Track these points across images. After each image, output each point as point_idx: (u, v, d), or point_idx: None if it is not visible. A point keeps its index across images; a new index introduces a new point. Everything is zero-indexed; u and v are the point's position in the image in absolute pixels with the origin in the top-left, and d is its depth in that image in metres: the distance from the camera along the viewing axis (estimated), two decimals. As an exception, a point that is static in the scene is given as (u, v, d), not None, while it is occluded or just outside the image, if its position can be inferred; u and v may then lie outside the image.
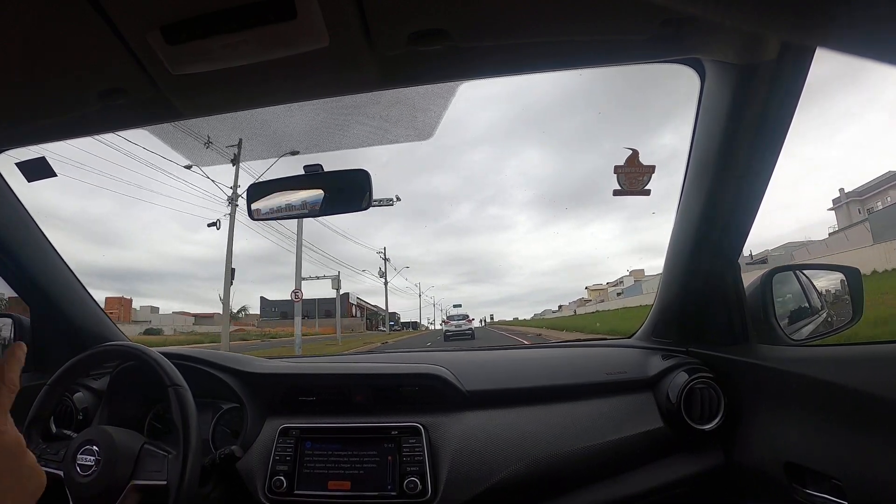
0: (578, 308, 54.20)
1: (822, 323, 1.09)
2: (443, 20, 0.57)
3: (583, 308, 51.49)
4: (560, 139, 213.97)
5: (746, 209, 0.86)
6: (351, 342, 19.13)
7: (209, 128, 0.92)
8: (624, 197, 0.94)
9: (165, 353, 0.92)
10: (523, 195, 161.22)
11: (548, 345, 1.40)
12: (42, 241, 1.11)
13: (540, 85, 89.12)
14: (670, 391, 0.96)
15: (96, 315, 1.25)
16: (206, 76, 0.63)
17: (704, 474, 0.93)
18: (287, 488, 0.92)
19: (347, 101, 0.85)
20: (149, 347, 0.92)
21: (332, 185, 0.97)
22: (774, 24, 0.23)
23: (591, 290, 63.91)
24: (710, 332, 1.03)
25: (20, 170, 1.01)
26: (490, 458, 0.91)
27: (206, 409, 1.09)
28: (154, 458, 0.80)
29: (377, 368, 1.10)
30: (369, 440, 0.96)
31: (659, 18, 0.59)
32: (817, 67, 0.66)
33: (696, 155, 0.86)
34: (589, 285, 67.74)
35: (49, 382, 0.90)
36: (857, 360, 0.70)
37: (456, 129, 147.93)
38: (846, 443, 0.67)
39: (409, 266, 74.67)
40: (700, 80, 0.78)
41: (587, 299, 60.57)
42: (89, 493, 0.77)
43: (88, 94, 0.68)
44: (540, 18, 0.58)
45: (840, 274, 1.06)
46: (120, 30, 0.54)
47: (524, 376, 1.05)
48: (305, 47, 0.58)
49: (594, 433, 0.94)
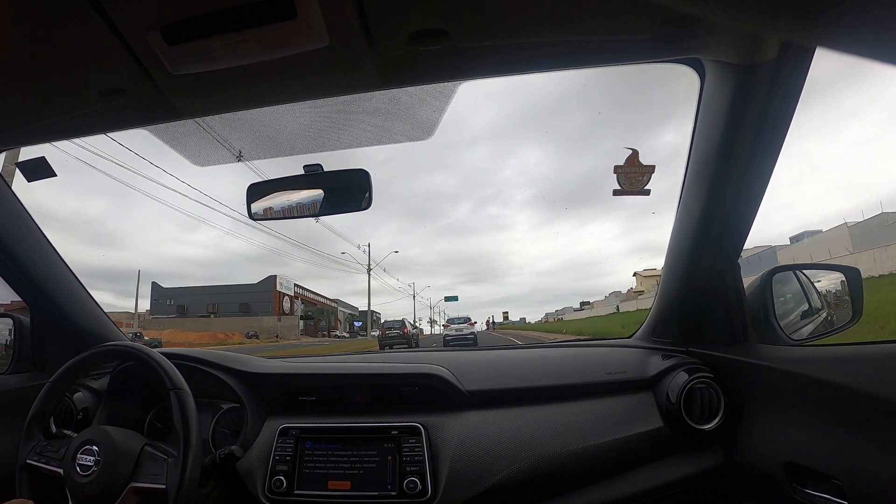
0: (623, 303, 40.14)
1: (822, 323, 1.09)
2: (443, 20, 0.57)
3: (631, 302, 36.49)
4: (560, 137, 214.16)
5: (746, 209, 0.86)
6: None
7: (208, 126, 0.92)
8: (624, 197, 0.95)
9: (166, 353, 0.92)
10: (523, 194, 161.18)
11: (548, 345, 1.39)
12: (42, 241, 1.11)
13: (540, 82, 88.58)
14: (670, 391, 0.96)
15: (96, 315, 1.25)
16: (206, 76, 0.64)
17: (704, 474, 0.93)
18: (287, 488, 0.92)
19: (347, 101, 0.85)
20: (149, 348, 0.92)
21: (332, 184, 0.97)
22: (774, 24, 0.23)
23: (643, 276, 45.88)
24: (710, 331, 1.03)
25: (20, 170, 1.01)
26: (490, 457, 0.91)
27: (205, 409, 1.09)
28: (154, 461, 0.80)
29: (377, 368, 1.10)
30: (369, 440, 0.96)
31: (659, 18, 0.59)
32: (820, 66, 0.66)
33: (696, 155, 0.86)
34: (639, 270, 48.90)
35: (51, 380, 0.91)
36: (857, 360, 0.70)
37: (455, 127, 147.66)
38: (846, 443, 0.67)
39: (397, 250, 69.35)
40: (700, 80, 0.78)
41: (637, 290, 44.55)
42: (88, 493, 0.77)
43: (89, 94, 0.68)
44: (540, 18, 0.58)
45: (840, 274, 1.06)
46: (120, 30, 0.54)
47: (524, 376, 1.05)
48: (305, 47, 0.58)
49: (594, 433, 0.94)
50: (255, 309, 40.75)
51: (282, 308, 41.85)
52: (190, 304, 43.03)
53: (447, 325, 18.66)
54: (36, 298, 1.15)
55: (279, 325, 38.35)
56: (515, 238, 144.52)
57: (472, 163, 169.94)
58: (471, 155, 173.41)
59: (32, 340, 1.18)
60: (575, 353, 1.21)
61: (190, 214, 39.74)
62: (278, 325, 38.47)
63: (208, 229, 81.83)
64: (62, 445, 0.84)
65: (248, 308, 41.21)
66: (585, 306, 59.69)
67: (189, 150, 0.99)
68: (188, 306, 43.04)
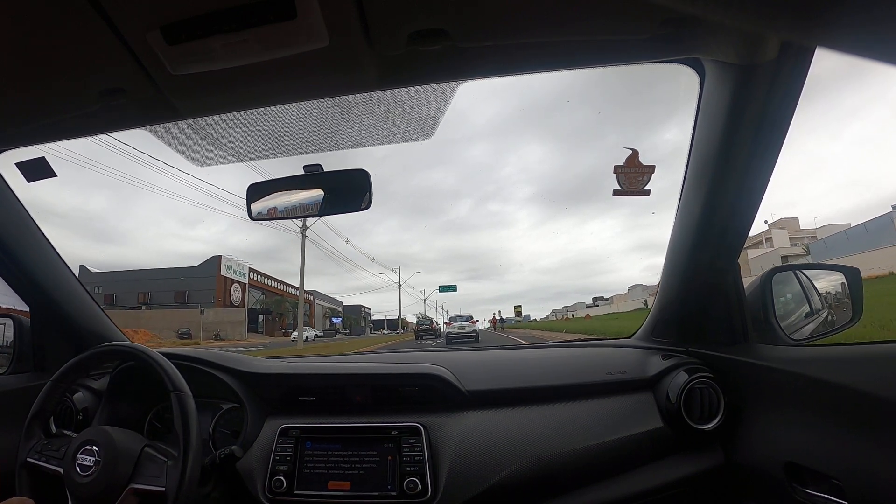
0: (652, 296, 27.70)
1: (822, 323, 1.09)
2: (443, 20, 0.57)
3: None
4: (562, 134, 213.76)
5: (746, 209, 0.86)
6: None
7: (208, 126, 0.92)
8: (623, 197, 0.95)
9: (166, 353, 0.92)
10: (524, 192, 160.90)
11: (548, 345, 1.40)
12: (42, 241, 1.11)
13: (541, 80, 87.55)
14: (670, 391, 0.96)
15: (96, 315, 1.25)
16: (206, 76, 0.64)
17: (704, 474, 0.93)
18: (287, 488, 0.92)
19: (347, 101, 0.85)
20: (149, 348, 0.92)
21: (332, 185, 0.97)
22: (774, 24, 0.23)
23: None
24: (709, 332, 1.03)
25: (20, 170, 1.01)
26: (490, 457, 0.91)
27: (206, 410, 1.09)
28: (154, 463, 0.80)
29: (377, 368, 1.10)
30: (369, 440, 0.96)
31: (659, 18, 0.59)
32: (821, 65, 0.66)
33: (696, 155, 0.86)
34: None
35: (51, 380, 0.91)
36: (857, 360, 0.70)
37: (456, 124, 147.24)
38: (846, 443, 0.67)
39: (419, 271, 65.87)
40: (700, 80, 0.78)
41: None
42: (88, 493, 0.77)
43: (89, 94, 0.68)
44: (540, 18, 0.58)
45: (840, 274, 1.06)
46: (120, 30, 0.54)
47: (524, 376, 1.05)
48: (305, 47, 0.58)
49: (594, 433, 0.94)
50: (195, 299, 31.95)
51: (229, 298, 32.30)
52: (120, 292, 34.62)
53: (449, 324, 18.77)
54: (36, 298, 1.15)
55: (222, 321, 29.01)
56: (516, 235, 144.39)
57: (473, 159, 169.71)
58: (472, 152, 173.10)
59: (32, 340, 1.18)
60: (575, 354, 1.21)
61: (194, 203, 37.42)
62: (203, 320, 28.78)
63: (209, 225, 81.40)
64: (62, 445, 0.84)
65: (184, 298, 32.20)
66: (600, 302, 54.11)
67: (189, 150, 0.99)
68: (118, 295, 34.45)
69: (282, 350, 12.40)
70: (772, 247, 32.49)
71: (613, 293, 54.41)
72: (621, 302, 43.66)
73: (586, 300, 60.08)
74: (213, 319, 29.55)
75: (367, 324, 51.87)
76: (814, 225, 34.36)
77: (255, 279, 35.85)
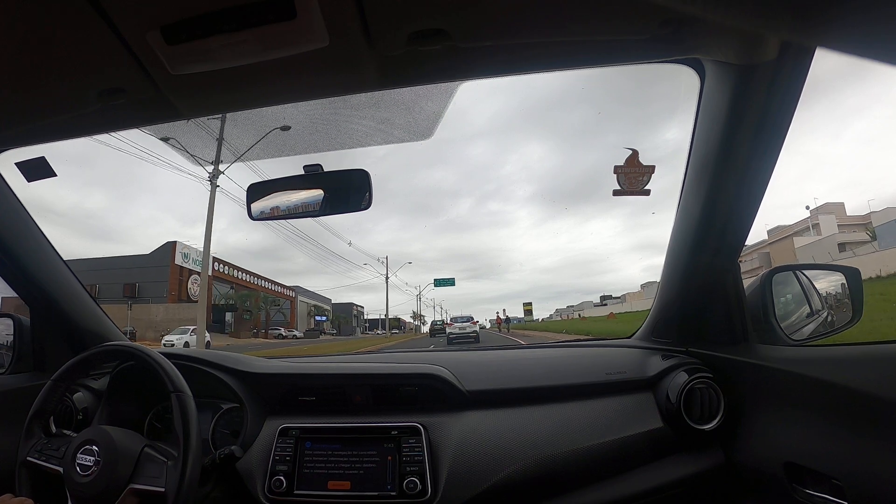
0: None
1: (822, 323, 1.09)
2: (443, 20, 0.57)
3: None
4: (562, 134, 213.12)
5: (746, 209, 0.86)
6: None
7: (207, 126, 0.92)
8: (624, 197, 0.95)
9: (165, 353, 0.92)
10: (524, 191, 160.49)
11: (548, 345, 1.40)
12: (42, 242, 1.11)
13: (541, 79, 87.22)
14: (670, 391, 0.96)
15: (96, 315, 1.25)
16: (206, 76, 0.64)
17: (704, 474, 0.93)
18: (287, 488, 0.92)
19: (347, 101, 0.85)
20: (150, 348, 0.92)
21: (332, 185, 0.97)
22: (774, 24, 0.23)
23: (773, 242, 31.04)
24: (709, 332, 1.03)
25: (20, 170, 1.01)
26: (490, 458, 0.91)
27: (205, 409, 1.09)
28: (154, 464, 0.80)
29: (377, 368, 1.10)
30: (369, 440, 0.96)
31: (659, 18, 0.59)
32: (822, 65, 0.66)
33: (696, 155, 0.86)
34: (770, 227, 33.95)
35: (52, 379, 0.91)
36: (857, 360, 0.70)
37: (456, 123, 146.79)
38: (846, 443, 0.67)
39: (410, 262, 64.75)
40: (700, 80, 0.78)
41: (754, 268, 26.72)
42: (88, 493, 0.77)
43: (88, 94, 0.68)
44: (540, 18, 0.58)
45: (840, 274, 1.06)
46: (120, 30, 0.54)
47: (524, 376, 1.05)
48: (305, 47, 0.58)
49: (594, 433, 0.94)
50: (147, 292, 26.76)
51: (186, 291, 26.94)
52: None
53: (450, 324, 18.86)
54: (36, 298, 1.15)
55: (173, 319, 23.92)
56: (517, 234, 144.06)
57: (473, 158, 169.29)
58: (472, 150, 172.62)
59: (32, 340, 1.18)
60: (575, 354, 1.21)
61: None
62: (152, 318, 23.88)
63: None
64: (62, 444, 0.84)
65: (134, 291, 26.72)
66: (608, 301, 50.70)
67: (189, 149, 0.99)
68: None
69: (282, 350, 12.40)
70: (819, 234, 29.39)
71: (624, 291, 52.00)
72: (635, 300, 40.10)
73: (593, 299, 57.67)
74: (164, 317, 24.85)
75: (360, 323, 49.99)
76: (867, 209, 30.45)
77: (222, 270, 29.90)
